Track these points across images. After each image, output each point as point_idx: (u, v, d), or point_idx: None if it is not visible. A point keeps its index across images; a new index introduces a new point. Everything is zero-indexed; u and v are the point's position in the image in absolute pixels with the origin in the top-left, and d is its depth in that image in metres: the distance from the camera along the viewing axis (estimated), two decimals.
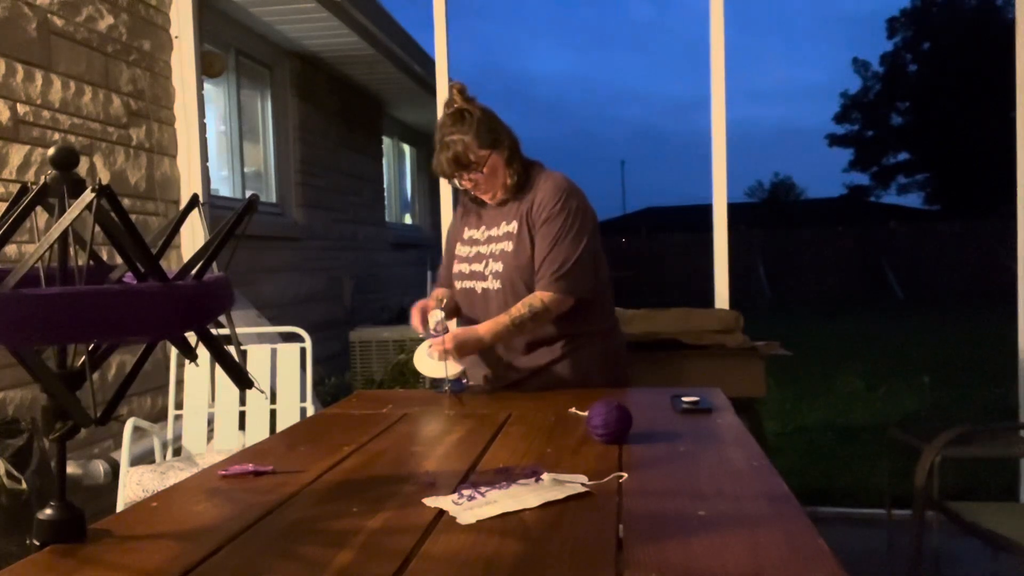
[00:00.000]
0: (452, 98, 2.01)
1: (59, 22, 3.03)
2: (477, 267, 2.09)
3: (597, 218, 2.08)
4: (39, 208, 0.95)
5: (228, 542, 1.00)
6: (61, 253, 0.99)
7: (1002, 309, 3.72)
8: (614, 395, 1.71)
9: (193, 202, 1.05)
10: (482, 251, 2.09)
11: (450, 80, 3.49)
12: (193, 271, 0.98)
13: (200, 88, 3.76)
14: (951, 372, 6.77)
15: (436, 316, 1.98)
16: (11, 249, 2.67)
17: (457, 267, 2.16)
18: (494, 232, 2.08)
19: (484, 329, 1.97)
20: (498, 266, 2.03)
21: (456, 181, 2.04)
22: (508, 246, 2.02)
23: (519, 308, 1.95)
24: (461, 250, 2.16)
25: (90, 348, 0.98)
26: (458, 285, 2.15)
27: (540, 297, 1.95)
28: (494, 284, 2.03)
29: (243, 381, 1.03)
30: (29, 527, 0.99)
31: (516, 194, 2.05)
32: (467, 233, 2.16)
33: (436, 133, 2.03)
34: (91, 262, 1.02)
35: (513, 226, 2.03)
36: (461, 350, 1.96)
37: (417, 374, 2.09)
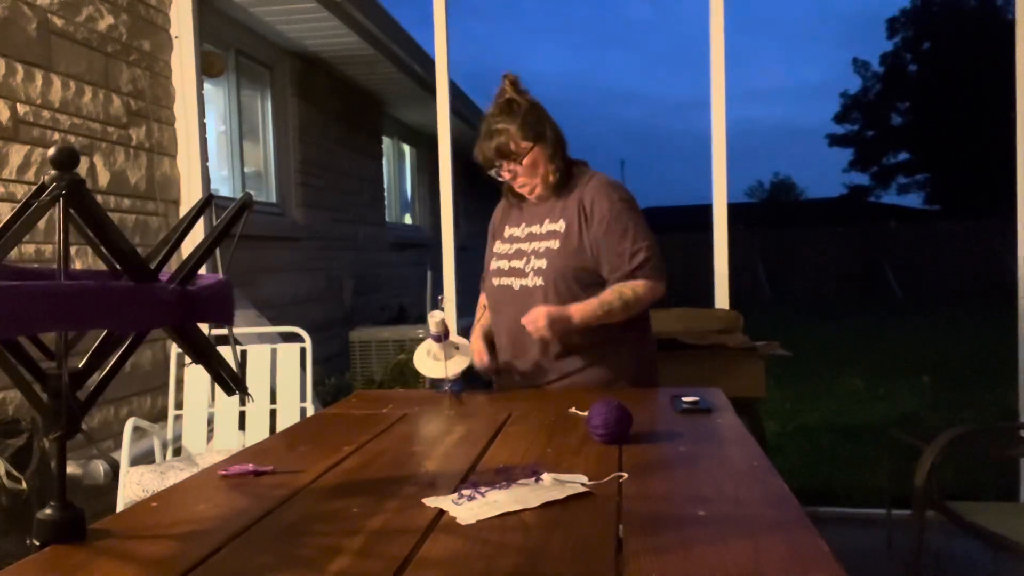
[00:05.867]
0: (503, 88, 2.01)
1: (59, 22, 3.03)
2: (517, 264, 2.07)
3: None
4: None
5: (228, 542, 1.00)
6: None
7: (1002, 309, 3.72)
8: (614, 395, 1.71)
9: (207, 201, 1.03)
10: (523, 248, 2.07)
11: (450, 79, 3.50)
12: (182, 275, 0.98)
13: (200, 88, 3.76)
14: (951, 372, 6.77)
15: (436, 316, 1.98)
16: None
17: (495, 264, 2.14)
18: (536, 229, 2.06)
19: (575, 309, 1.94)
20: (541, 263, 2.01)
21: (495, 172, 2.04)
22: (555, 244, 2.01)
23: (609, 294, 1.95)
24: (500, 248, 2.14)
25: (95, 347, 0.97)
26: (495, 281, 2.13)
27: (632, 286, 1.94)
28: (535, 281, 2.01)
29: (237, 386, 1.02)
30: (29, 527, 0.99)
31: (558, 192, 2.04)
32: (508, 231, 2.15)
33: (483, 123, 2.02)
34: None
35: (560, 225, 2.01)
36: (554, 326, 1.91)
37: (417, 374, 2.09)
